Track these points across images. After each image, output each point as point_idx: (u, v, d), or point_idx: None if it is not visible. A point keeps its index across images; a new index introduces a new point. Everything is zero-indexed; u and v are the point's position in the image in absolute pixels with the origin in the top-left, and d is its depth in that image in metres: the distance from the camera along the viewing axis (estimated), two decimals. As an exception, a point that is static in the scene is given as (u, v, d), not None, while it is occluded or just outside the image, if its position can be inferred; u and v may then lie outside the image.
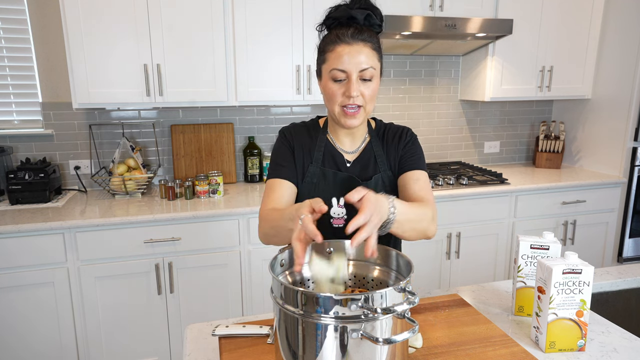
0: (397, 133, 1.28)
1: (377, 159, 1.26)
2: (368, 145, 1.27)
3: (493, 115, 3.35)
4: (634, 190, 2.92)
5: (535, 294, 1.07)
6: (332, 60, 1.11)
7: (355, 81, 1.10)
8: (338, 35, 1.11)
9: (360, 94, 1.12)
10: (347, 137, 1.26)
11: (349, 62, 1.09)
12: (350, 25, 1.11)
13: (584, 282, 1.01)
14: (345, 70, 1.10)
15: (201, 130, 2.75)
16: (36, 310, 2.11)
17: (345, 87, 1.11)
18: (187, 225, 2.22)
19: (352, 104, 1.12)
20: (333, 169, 1.25)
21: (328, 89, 1.14)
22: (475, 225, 2.71)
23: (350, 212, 1.22)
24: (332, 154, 1.26)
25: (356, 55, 1.09)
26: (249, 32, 2.41)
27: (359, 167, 1.25)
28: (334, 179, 1.23)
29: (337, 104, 1.14)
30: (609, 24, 2.94)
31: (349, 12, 1.11)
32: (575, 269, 1.01)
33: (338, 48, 1.10)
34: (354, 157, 1.26)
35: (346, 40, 1.10)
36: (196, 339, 1.11)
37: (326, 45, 1.14)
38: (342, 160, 1.26)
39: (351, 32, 1.10)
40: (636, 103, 2.81)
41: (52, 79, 2.53)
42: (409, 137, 1.28)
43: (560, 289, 1.02)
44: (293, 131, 1.28)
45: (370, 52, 1.11)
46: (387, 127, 1.31)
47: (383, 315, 0.76)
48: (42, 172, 2.33)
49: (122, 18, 2.23)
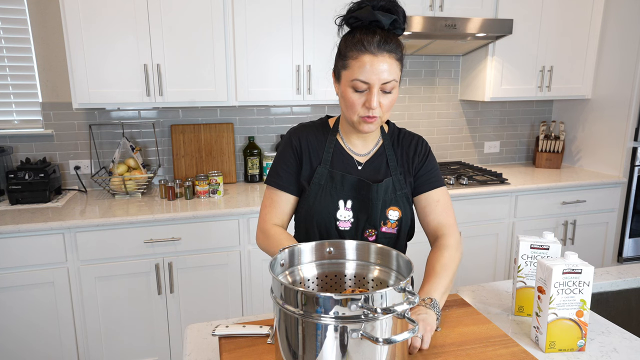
0: (412, 142, 1.28)
1: (389, 163, 1.25)
2: (381, 148, 1.27)
3: (493, 115, 3.35)
4: (634, 190, 2.92)
5: (535, 294, 1.07)
6: (355, 70, 1.08)
7: (377, 94, 1.08)
8: (363, 42, 1.07)
9: (379, 106, 1.10)
10: (360, 140, 1.25)
11: (372, 73, 1.06)
12: (376, 32, 1.08)
13: (584, 282, 1.01)
14: (368, 82, 1.07)
15: (201, 130, 2.75)
16: (36, 311, 2.11)
17: (366, 98, 1.09)
18: (187, 225, 2.22)
19: (370, 116, 1.11)
20: (342, 170, 1.23)
21: (348, 97, 1.11)
22: (475, 225, 2.70)
23: (356, 215, 1.22)
24: (341, 156, 1.25)
25: (380, 68, 1.06)
26: (249, 32, 2.41)
27: (370, 169, 1.25)
28: (342, 181, 1.22)
29: (356, 113, 1.12)
30: (609, 24, 2.94)
31: (375, 14, 1.07)
32: (575, 269, 1.00)
33: (363, 57, 1.07)
34: (366, 159, 1.26)
35: (372, 50, 1.06)
36: (196, 339, 1.11)
37: (349, 50, 1.09)
38: (352, 162, 1.25)
39: (377, 41, 1.06)
40: (636, 103, 2.81)
41: (52, 79, 2.53)
42: (425, 149, 1.28)
43: (561, 289, 1.01)
44: (301, 134, 1.26)
45: (394, 64, 1.09)
46: (400, 132, 1.30)
47: (383, 315, 0.76)
48: (42, 172, 2.33)
49: (122, 18, 2.23)
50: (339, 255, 1.05)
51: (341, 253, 1.05)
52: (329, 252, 1.04)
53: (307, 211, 1.23)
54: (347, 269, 1.05)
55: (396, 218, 1.23)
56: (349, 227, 1.22)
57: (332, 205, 1.21)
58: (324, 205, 1.21)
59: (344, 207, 1.21)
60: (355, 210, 1.21)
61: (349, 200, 1.21)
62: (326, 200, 1.21)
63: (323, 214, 1.21)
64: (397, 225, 1.23)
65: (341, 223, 1.22)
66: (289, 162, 1.25)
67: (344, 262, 1.05)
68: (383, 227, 1.22)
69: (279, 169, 1.25)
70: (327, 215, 1.21)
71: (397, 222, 1.23)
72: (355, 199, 1.21)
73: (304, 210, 1.24)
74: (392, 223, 1.23)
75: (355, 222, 1.22)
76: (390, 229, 1.23)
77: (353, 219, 1.22)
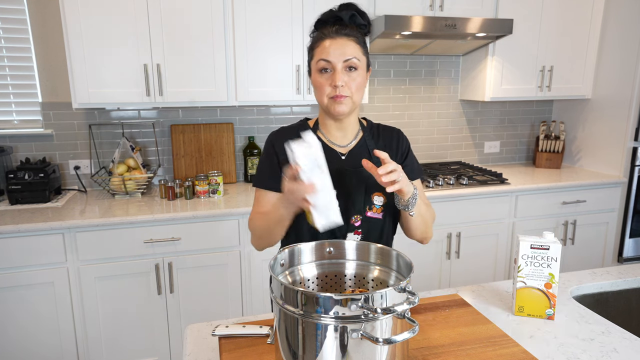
0: (393, 135, 1.35)
1: (370, 154, 1.29)
2: (362, 140, 1.31)
3: (493, 115, 3.35)
4: (634, 190, 2.92)
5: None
6: (317, 54, 1.19)
7: (341, 71, 1.17)
8: (323, 32, 1.20)
9: (345, 84, 1.18)
10: (340, 132, 1.29)
11: (333, 53, 1.16)
12: (335, 23, 1.21)
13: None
14: (329, 60, 1.17)
15: (201, 130, 2.75)
16: (36, 311, 2.11)
17: (332, 78, 1.18)
18: (187, 225, 2.22)
19: (339, 95, 1.18)
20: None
21: (316, 81, 1.21)
22: (475, 225, 2.70)
23: (343, 205, 1.23)
24: (323, 150, 1.27)
25: (340, 47, 1.17)
26: (249, 32, 2.41)
27: (353, 159, 1.28)
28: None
29: (325, 94, 1.21)
30: (609, 24, 2.94)
31: (335, 13, 1.21)
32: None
33: (322, 43, 1.19)
34: (348, 150, 1.30)
35: (330, 35, 1.18)
36: (196, 339, 1.11)
37: (313, 43, 1.23)
38: (335, 154, 1.28)
39: (335, 29, 1.19)
40: (636, 103, 2.81)
41: (52, 79, 2.53)
42: (406, 142, 1.36)
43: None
44: (279, 136, 1.31)
45: (354, 45, 1.19)
46: (379, 126, 1.37)
47: (383, 316, 0.76)
48: (42, 172, 2.33)
49: (122, 18, 2.23)
50: (339, 255, 1.05)
51: (341, 253, 1.05)
52: (329, 252, 1.04)
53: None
54: (347, 269, 1.05)
55: (381, 203, 1.26)
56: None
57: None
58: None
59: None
60: (340, 198, 1.23)
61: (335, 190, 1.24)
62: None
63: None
64: (383, 211, 1.27)
65: None
66: (272, 164, 1.29)
67: (344, 262, 1.05)
68: (369, 212, 1.26)
69: (262, 171, 1.32)
70: None
71: (383, 207, 1.27)
72: (340, 188, 1.23)
73: None
74: (377, 208, 1.26)
75: (342, 211, 1.23)
76: (375, 214, 1.26)
77: (340, 208, 1.23)
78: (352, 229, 1.25)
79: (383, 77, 3.06)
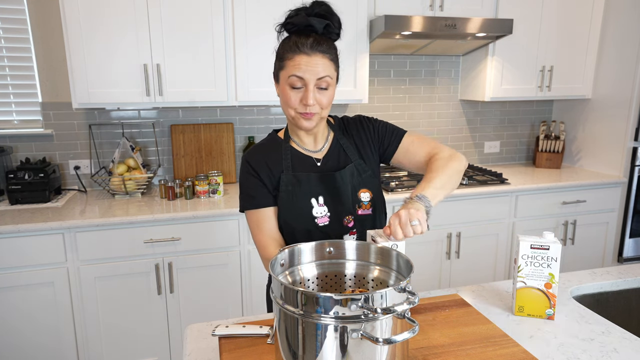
0: (356, 123, 1.34)
1: (346, 152, 1.29)
2: (334, 140, 1.31)
3: (493, 115, 3.35)
4: (634, 190, 2.92)
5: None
6: (290, 68, 1.14)
7: (312, 90, 1.14)
8: (297, 44, 1.14)
9: (316, 103, 1.16)
10: (309, 138, 1.29)
11: (307, 71, 1.13)
12: (310, 35, 1.14)
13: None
14: (303, 77, 1.13)
15: (201, 130, 2.75)
16: (36, 311, 2.11)
17: (303, 95, 1.15)
18: (187, 225, 2.22)
19: (308, 113, 1.16)
20: (304, 171, 1.26)
21: (286, 94, 1.17)
22: (475, 225, 2.70)
23: (331, 208, 1.24)
24: (299, 159, 1.28)
25: (314, 66, 1.13)
26: (249, 32, 2.41)
27: (330, 163, 1.28)
28: (308, 180, 1.24)
29: (293, 109, 1.18)
30: (609, 24, 2.94)
31: (308, 20, 1.14)
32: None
33: (297, 58, 1.13)
34: (323, 154, 1.30)
35: (305, 51, 1.13)
36: (196, 339, 1.11)
37: (285, 52, 1.16)
38: (311, 161, 1.28)
39: (310, 43, 1.13)
40: (636, 103, 2.81)
41: (52, 79, 2.53)
42: (367, 121, 1.34)
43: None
44: (256, 155, 1.28)
45: (328, 63, 1.15)
46: (344, 120, 1.36)
47: (383, 315, 0.76)
48: (42, 172, 2.33)
49: (121, 18, 2.23)
50: (339, 255, 1.05)
51: (341, 253, 1.05)
52: (329, 252, 1.04)
53: (284, 219, 1.24)
54: (347, 269, 1.05)
55: (368, 199, 1.27)
56: (328, 222, 1.24)
57: (306, 206, 1.23)
58: (298, 208, 1.23)
59: (317, 204, 1.24)
60: (329, 203, 1.24)
61: (320, 196, 1.24)
62: (299, 202, 1.23)
63: (300, 216, 1.23)
64: (372, 206, 1.28)
65: (319, 220, 1.24)
66: (254, 184, 1.25)
67: (344, 262, 1.05)
68: (359, 210, 1.26)
69: (248, 194, 1.26)
70: (303, 216, 1.23)
71: (370, 202, 1.28)
72: (326, 193, 1.24)
73: (281, 219, 1.25)
74: (365, 205, 1.27)
75: (333, 215, 1.24)
76: (365, 210, 1.27)
77: (330, 213, 1.24)
78: (346, 231, 1.25)
79: (383, 77, 3.06)
